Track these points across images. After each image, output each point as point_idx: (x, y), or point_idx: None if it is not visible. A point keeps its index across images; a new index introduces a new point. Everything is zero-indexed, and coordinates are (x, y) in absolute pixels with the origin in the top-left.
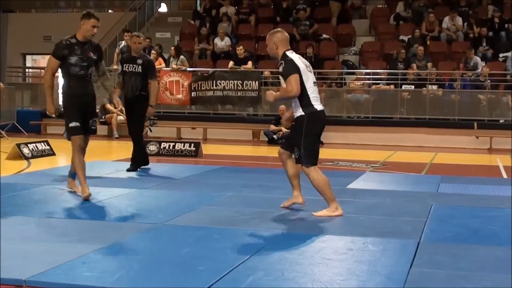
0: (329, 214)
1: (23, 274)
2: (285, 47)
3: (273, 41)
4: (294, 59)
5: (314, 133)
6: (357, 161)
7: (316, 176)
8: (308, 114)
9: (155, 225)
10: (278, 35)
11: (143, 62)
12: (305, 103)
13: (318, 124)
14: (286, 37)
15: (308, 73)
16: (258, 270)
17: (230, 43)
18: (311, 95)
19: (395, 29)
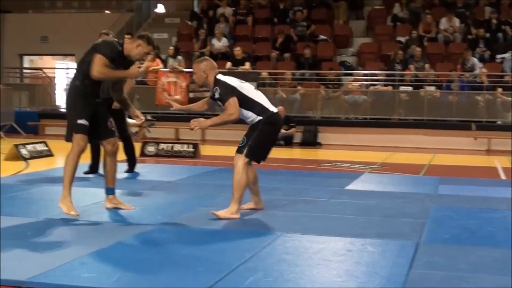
0: (227, 215)
1: (23, 275)
2: (214, 73)
3: (202, 69)
4: (226, 80)
5: (269, 134)
6: (355, 162)
7: (242, 173)
8: (266, 118)
9: (154, 226)
10: (205, 63)
11: None
12: (259, 110)
13: (274, 126)
14: (214, 64)
15: (245, 84)
16: (257, 271)
17: (227, 44)
18: (261, 101)
19: (393, 30)
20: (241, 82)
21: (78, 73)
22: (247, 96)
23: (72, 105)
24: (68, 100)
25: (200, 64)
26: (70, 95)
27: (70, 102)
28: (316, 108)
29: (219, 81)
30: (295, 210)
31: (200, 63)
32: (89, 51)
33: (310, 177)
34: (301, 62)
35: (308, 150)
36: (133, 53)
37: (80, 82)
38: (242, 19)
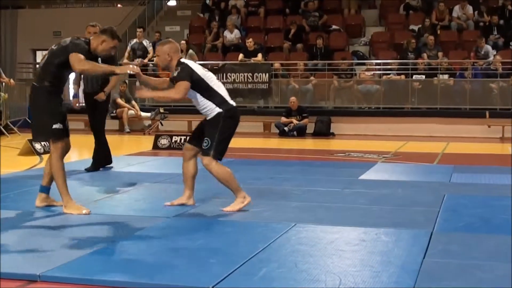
0: (239, 206)
1: (37, 269)
2: (178, 57)
3: (166, 52)
4: (190, 64)
5: (229, 129)
6: (369, 152)
7: (220, 170)
8: (226, 111)
9: (167, 218)
10: (169, 45)
11: None
12: (219, 101)
13: (234, 120)
14: (178, 47)
15: (208, 73)
16: (271, 262)
17: (239, 36)
18: (222, 92)
19: (405, 18)
20: (205, 70)
21: (44, 74)
22: (208, 85)
23: (44, 108)
24: (37, 101)
25: (163, 47)
26: (40, 97)
27: (41, 104)
28: (329, 98)
29: (182, 63)
30: (308, 200)
31: (164, 45)
32: (57, 52)
33: (323, 167)
34: (314, 52)
35: (321, 141)
36: (99, 50)
37: (49, 82)
38: (254, 10)
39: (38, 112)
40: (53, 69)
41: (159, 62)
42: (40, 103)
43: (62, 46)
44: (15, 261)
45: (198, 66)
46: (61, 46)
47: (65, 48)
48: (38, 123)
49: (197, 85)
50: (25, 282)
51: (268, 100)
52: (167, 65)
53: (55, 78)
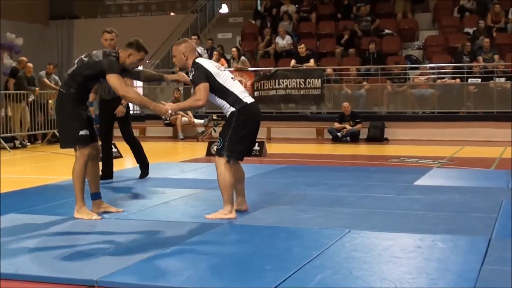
0: (221, 216)
1: (95, 274)
2: (194, 56)
3: (181, 51)
4: (204, 64)
5: (244, 126)
6: (424, 157)
7: (225, 173)
8: (239, 110)
9: (222, 225)
10: (185, 44)
11: None
12: (233, 100)
13: (250, 116)
14: (193, 46)
15: (223, 72)
16: (325, 269)
17: (291, 42)
18: (235, 91)
19: (460, 21)
20: (219, 69)
21: (72, 82)
22: (221, 85)
23: (70, 115)
24: (64, 108)
25: (179, 46)
26: (66, 103)
27: (68, 111)
28: (382, 103)
29: (196, 63)
30: (362, 206)
31: (179, 45)
32: (88, 65)
33: (377, 173)
34: (366, 57)
35: (374, 146)
36: (127, 63)
37: (75, 90)
38: (306, 16)
39: (65, 118)
40: (81, 79)
41: (176, 62)
42: (66, 109)
43: (94, 60)
44: (72, 266)
45: (211, 65)
46: (93, 60)
47: (98, 63)
48: (65, 129)
49: (211, 84)
50: (83, 287)
51: (321, 105)
52: (183, 65)
53: (81, 87)
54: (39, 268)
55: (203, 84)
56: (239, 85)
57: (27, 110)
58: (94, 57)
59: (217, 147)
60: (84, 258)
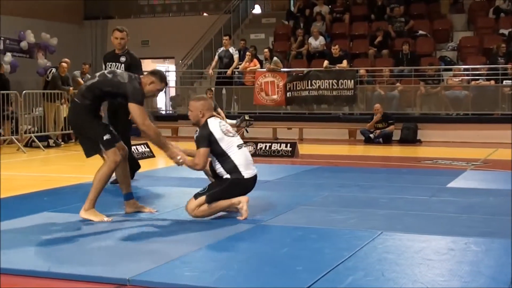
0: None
1: (127, 273)
2: (209, 115)
3: (199, 109)
4: (212, 126)
5: (231, 194)
6: (457, 159)
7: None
8: (235, 179)
9: (253, 225)
10: (203, 102)
11: (126, 59)
12: (229, 169)
13: (239, 190)
14: (211, 105)
15: (230, 138)
16: (357, 270)
17: (324, 42)
18: (236, 160)
19: (495, 22)
20: (227, 134)
21: (88, 94)
22: (223, 151)
23: (91, 123)
24: (83, 118)
25: (197, 103)
26: (84, 113)
27: (88, 120)
28: (415, 105)
29: (206, 125)
30: (395, 208)
31: (198, 101)
32: (110, 83)
33: (410, 174)
34: (400, 58)
35: (407, 148)
36: (146, 89)
37: (90, 101)
38: (339, 16)
39: (86, 128)
40: (99, 93)
41: (191, 117)
42: (85, 119)
43: (118, 80)
44: (105, 265)
45: (219, 129)
46: (117, 80)
47: (123, 85)
48: (88, 137)
49: (212, 148)
50: (115, 285)
51: (353, 107)
52: (198, 121)
53: (97, 100)
54: (71, 266)
55: (203, 150)
56: (244, 154)
57: (61, 109)
58: (119, 77)
59: (199, 191)
60: (116, 256)
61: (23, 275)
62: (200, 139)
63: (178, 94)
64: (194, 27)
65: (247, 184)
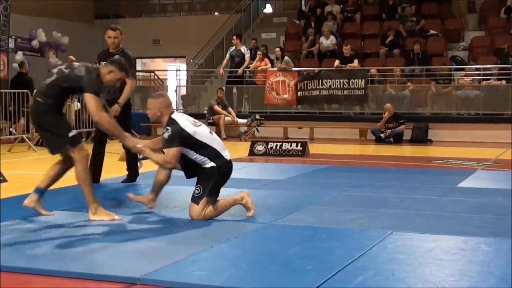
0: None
1: (137, 272)
2: (170, 111)
3: (156, 106)
4: (181, 122)
5: (222, 181)
6: (468, 159)
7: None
8: (219, 166)
9: (263, 224)
10: (161, 99)
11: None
12: (214, 155)
13: (228, 173)
14: (170, 102)
15: (199, 128)
16: (367, 270)
17: (335, 42)
18: (216, 146)
19: (506, 22)
20: (196, 125)
21: (50, 92)
22: (200, 141)
23: (56, 122)
24: (47, 117)
25: (155, 101)
26: (48, 112)
27: (53, 119)
28: (426, 104)
29: (173, 121)
30: (405, 208)
31: (156, 99)
32: (68, 78)
33: (421, 174)
34: (411, 58)
35: (418, 147)
36: (105, 79)
37: (53, 100)
38: (350, 16)
39: (50, 127)
40: (60, 92)
41: (150, 115)
42: (50, 117)
43: (76, 74)
44: (115, 263)
45: (188, 122)
46: (75, 74)
47: (80, 78)
48: (53, 136)
49: (187, 143)
50: (125, 284)
51: (364, 106)
52: (157, 119)
53: (59, 98)
54: (81, 264)
55: (176, 149)
56: (217, 139)
57: (72, 108)
58: (76, 70)
59: (196, 195)
60: (127, 255)
61: (33, 274)
62: (172, 138)
63: (189, 93)
64: (205, 26)
65: (230, 166)
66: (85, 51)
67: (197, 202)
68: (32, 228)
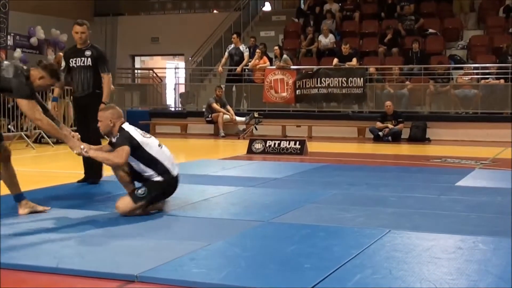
0: None
1: (135, 269)
2: (121, 122)
3: (108, 118)
4: (130, 131)
5: (166, 195)
6: (466, 158)
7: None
8: (167, 183)
9: (261, 222)
10: (111, 111)
11: (92, 53)
12: (162, 171)
13: (171, 193)
14: (120, 113)
15: (149, 140)
16: (365, 268)
17: (334, 40)
18: (164, 161)
19: (505, 21)
20: (145, 137)
21: None
22: (149, 153)
23: None
24: None
25: (106, 112)
26: None
27: None
28: (425, 103)
29: (123, 130)
30: (403, 206)
31: (106, 111)
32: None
33: (419, 173)
34: (409, 56)
35: (416, 146)
36: (35, 84)
37: None
38: (349, 14)
39: None
40: None
41: (101, 127)
42: None
43: (3, 75)
44: (113, 261)
45: (137, 133)
46: (2, 75)
47: (8, 81)
48: None
49: (136, 152)
50: (123, 282)
51: (363, 105)
52: (109, 131)
53: None
54: (79, 262)
55: (125, 147)
56: (166, 154)
57: (71, 105)
58: (4, 71)
59: (138, 195)
60: (124, 253)
61: (31, 271)
62: (121, 140)
63: (187, 91)
64: (204, 24)
65: (176, 184)
66: None
67: (135, 201)
68: (28, 226)
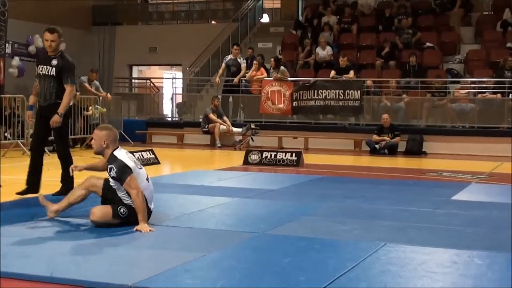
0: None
1: (129, 279)
2: (114, 146)
3: (102, 138)
4: (124, 159)
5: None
6: (462, 172)
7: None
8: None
9: (256, 234)
10: (107, 132)
11: (58, 63)
12: None
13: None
14: (116, 136)
15: (140, 170)
16: (360, 281)
17: (331, 53)
18: (148, 195)
19: (502, 36)
20: (137, 166)
21: None
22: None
23: None
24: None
25: (101, 132)
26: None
27: None
28: (421, 117)
29: (116, 158)
30: (399, 220)
31: (102, 130)
32: None
33: (415, 186)
34: (406, 70)
35: (413, 159)
36: None
37: None
38: (347, 27)
39: None
40: None
41: (94, 145)
42: None
43: None
44: (107, 271)
45: (130, 160)
46: None
47: None
48: None
49: None
50: None
51: (359, 117)
52: (101, 151)
53: None
54: (74, 271)
55: (131, 177)
56: (151, 189)
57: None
58: None
59: (120, 213)
60: (119, 263)
61: (25, 280)
62: (122, 173)
63: (184, 101)
64: (202, 35)
65: (150, 214)
66: (82, 57)
67: (114, 216)
68: (23, 235)
